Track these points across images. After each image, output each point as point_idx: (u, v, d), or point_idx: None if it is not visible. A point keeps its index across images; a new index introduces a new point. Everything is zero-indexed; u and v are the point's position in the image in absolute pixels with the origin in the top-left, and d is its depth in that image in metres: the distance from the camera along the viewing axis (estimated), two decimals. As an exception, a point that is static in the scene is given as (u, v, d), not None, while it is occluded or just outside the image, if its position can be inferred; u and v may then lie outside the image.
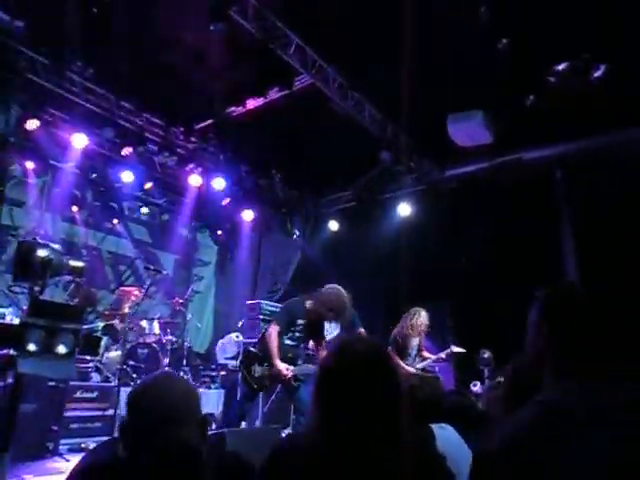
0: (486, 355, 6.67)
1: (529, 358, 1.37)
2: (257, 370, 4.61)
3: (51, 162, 7.18)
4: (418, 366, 5.79)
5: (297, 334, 4.64)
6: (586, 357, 1.24)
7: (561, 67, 5.24)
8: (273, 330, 4.53)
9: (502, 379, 2.13)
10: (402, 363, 5.63)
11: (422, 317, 5.81)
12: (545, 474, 1.06)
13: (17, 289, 5.58)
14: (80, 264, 4.88)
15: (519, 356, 1.80)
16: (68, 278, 6.76)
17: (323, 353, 4.74)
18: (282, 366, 4.43)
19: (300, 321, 4.63)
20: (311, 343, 4.86)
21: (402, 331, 5.76)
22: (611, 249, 5.80)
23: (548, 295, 1.39)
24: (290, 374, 4.43)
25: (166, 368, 6.22)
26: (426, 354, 6.03)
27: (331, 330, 5.35)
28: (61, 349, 4.53)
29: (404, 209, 7.99)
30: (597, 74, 5.16)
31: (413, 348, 5.86)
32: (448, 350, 6.00)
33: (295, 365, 4.55)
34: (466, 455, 2.10)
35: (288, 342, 4.62)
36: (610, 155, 6.16)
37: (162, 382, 1.52)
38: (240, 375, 4.75)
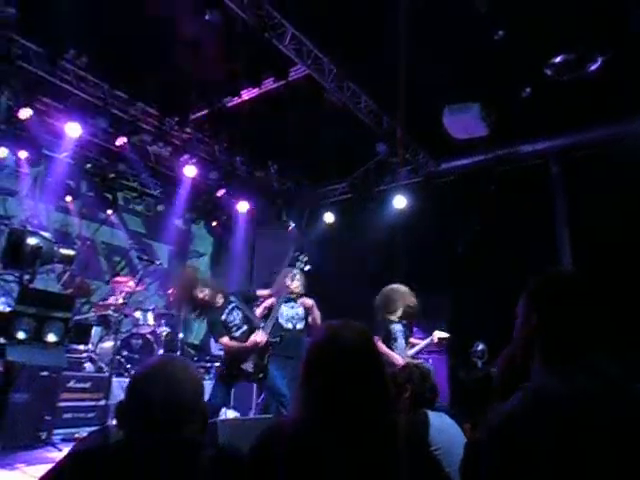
0: (480, 347, 6.69)
1: (518, 346, 1.38)
2: (248, 367, 4.62)
3: (44, 152, 7.12)
4: (409, 353, 5.75)
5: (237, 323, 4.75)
6: (574, 345, 1.25)
7: (557, 59, 5.22)
8: (223, 341, 4.61)
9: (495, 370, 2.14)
10: (390, 351, 5.60)
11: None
12: (533, 460, 1.07)
13: (9, 277, 5.56)
14: (71, 252, 4.87)
15: (510, 345, 1.81)
16: (62, 268, 6.76)
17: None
18: (254, 338, 4.50)
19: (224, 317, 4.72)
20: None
21: (384, 319, 5.70)
22: (606, 242, 5.81)
23: (536, 284, 1.39)
24: (265, 336, 4.53)
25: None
26: (413, 340, 5.97)
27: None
28: (51, 337, 4.53)
29: (400, 201, 7.98)
30: (593, 67, 5.15)
31: (398, 335, 5.80)
32: (433, 336, 5.96)
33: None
34: (461, 443, 2.11)
35: (237, 333, 4.67)
36: (606, 148, 6.17)
37: (167, 366, 1.48)
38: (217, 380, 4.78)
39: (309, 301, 5.44)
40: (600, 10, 4.56)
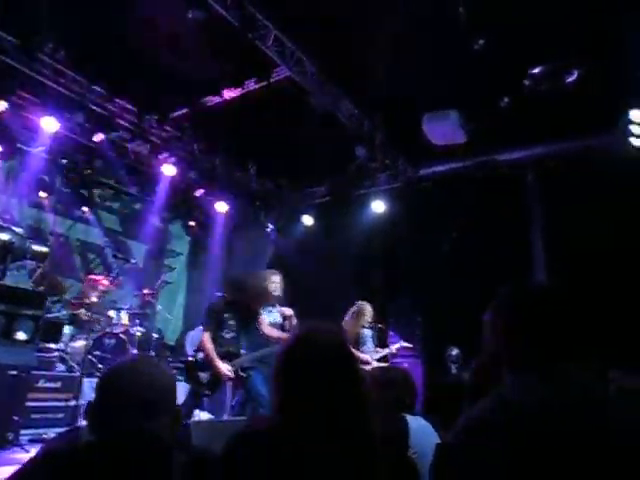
0: (454, 352, 6.77)
1: (486, 355, 1.40)
2: (203, 377, 4.69)
3: (19, 146, 6.97)
4: (374, 357, 5.85)
5: (233, 327, 4.77)
6: (538, 354, 1.27)
7: (536, 71, 5.32)
8: (204, 336, 4.67)
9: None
10: (358, 352, 5.68)
11: (366, 311, 5.86)
12: (497, 465, 1.08)
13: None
14: (44, 249, 4.78)
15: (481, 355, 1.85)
16: (34, 265, 6.62)
17: (269, 332, 4.92)
18: (223, 367, 4.57)
19: (227, 315, 4.76)
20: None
21: (347, 324, 5.81)
22: (580, 251, 5.94)
23: (502, 294, 1.42)
24: (231, 374, 4.59)
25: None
26: (378, 348, 6.12)
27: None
28: (20, 335, 4.43)
29: (378, 206, 8.03)
30: (570, 79, 5.27)
31: (365, 338, 5.92)
32: (398, 345, 6.14)
33: (239, 356, 4.73)
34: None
35: (227, 335, 4.72)
36: (581, 159, 6.30)
37: (139, 365, 1.46)
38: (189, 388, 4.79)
39: (288, 311, 5.49)
40: (579, 22, 4.66)
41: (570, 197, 6.12)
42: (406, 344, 6.20)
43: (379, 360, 5.85)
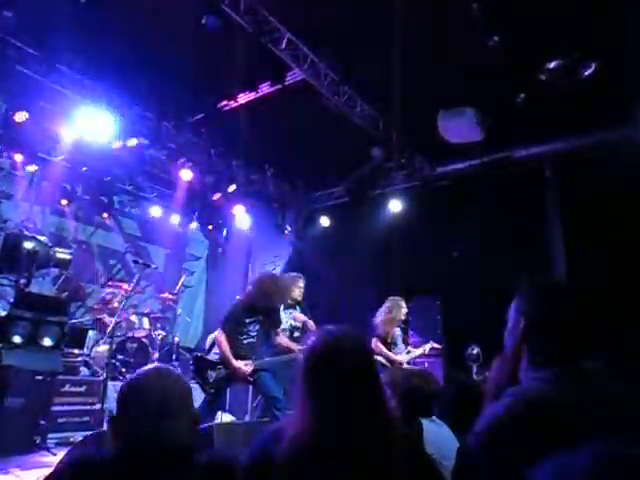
0: (474, 351, 6.71)
1: (508, 351, 1.39)
2: (211, 375, 4.70)
3: (40, 155, 7.11)
4: (406, 358, 5.79)
5: (252, 332, 4.72)
6: (560, 349, 1.26)
7: (552, 65, 5.26)
8: (219, 336, 4.66)
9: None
10: (390, 353, 5.64)
11: (402, 307, 5.81)
12: (524, 463, 1.08)
13: (4, 281, 5.54)
14: (67, 256, 4.87)
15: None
16: (57, 272, 6.75)
17: (280, 340, 4.90)
18: (240, 363, 4.54)
19: (248, 319, 4.70)
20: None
21: (383, 322, 5.76)
22: (600, 247, 5.85)
23: (524, 289, 1.41)
24: (249, 369, 4.54)
25: (155, 362, 6.21)
26: (410, 348, 6.05)
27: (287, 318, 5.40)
28: (47, 342, 4.52)
29: (395, 205, 8.00)
30: (587, 72, 5.19)
31: (397, 338, 5.87)
32: (427, 345, 6.04)
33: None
34: (455, 449, 2.12)
35: (246, 341, 4.69)
36: (600, 154, 6.20)
37: (156, 375, 1.51)
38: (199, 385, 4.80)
39: (301, 317, 5.54)
40: (595, 16, 4.60)
41: (589, 192, 6.02)
42: (436, 345, 6.10)
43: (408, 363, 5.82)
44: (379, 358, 5.39)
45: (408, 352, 5.89)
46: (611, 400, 1.14)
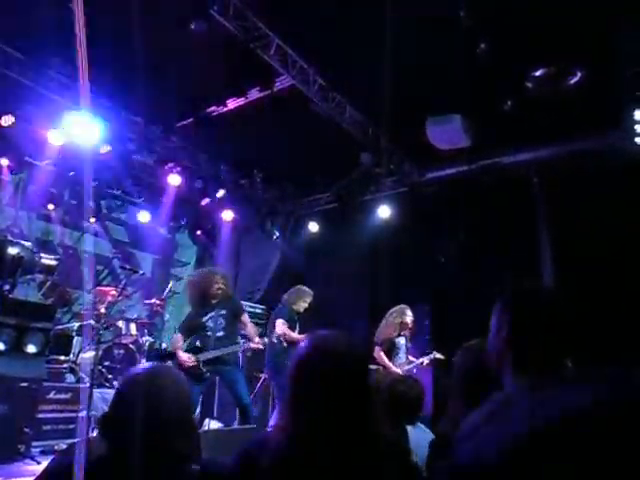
0: (462, 357, 6.71)
1: (490, 359, 1.39)
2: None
3: (26, 159, 7.04)
4: (405, 368, 5.76)
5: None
6: (543, 357, 1.26)
7: (538, 73, 5.32)
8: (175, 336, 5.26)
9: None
10: (390, 364, 5.61)
11: (408, 315, 5.77)
12: (496, 472, 1.08)
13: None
14: (52, 262, 4.82)
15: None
16: (43, 277, 6.67)
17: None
18: (184, 356, 4.92)
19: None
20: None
21: (389, 330, 5.71)
22: (587, 253, 5.90)
23: (507, 296, 1.41)
24: (191, 362, 4.88)
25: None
26: (411, 357, 6.02)
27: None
28: (31, 348, 4.46)
29: (384, 211, 8.03)
30: (573, 80, 5.26)
31: (401, 348, 5.79)
32: (431, 355, 6.01)
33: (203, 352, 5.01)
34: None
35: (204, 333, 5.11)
36: (587, 160, 6.27)
37: (155, 380, 1.46)
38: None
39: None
40: (581, 25, 4.66)
41: (576, 198, 6.09)
42: (439, 355, 6.04)
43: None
44: (375, 368, 5.37)
45: (409, 363, 5.87)
46: (593, 410, 1.14)
